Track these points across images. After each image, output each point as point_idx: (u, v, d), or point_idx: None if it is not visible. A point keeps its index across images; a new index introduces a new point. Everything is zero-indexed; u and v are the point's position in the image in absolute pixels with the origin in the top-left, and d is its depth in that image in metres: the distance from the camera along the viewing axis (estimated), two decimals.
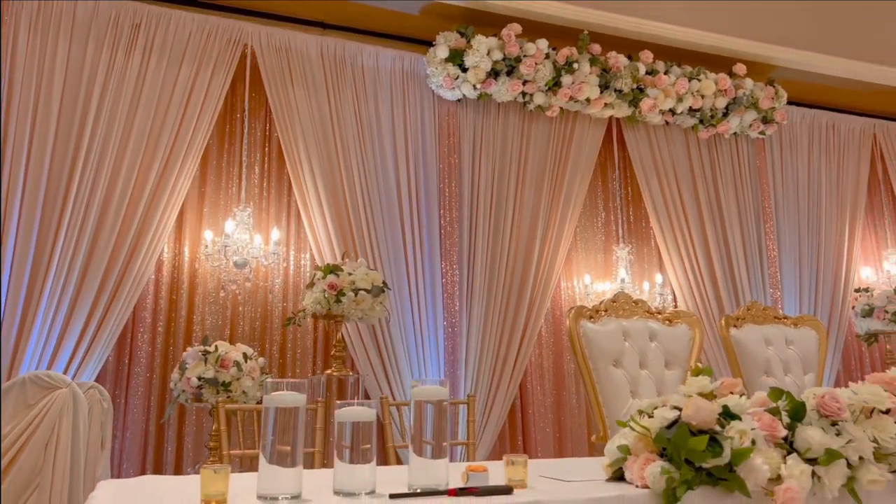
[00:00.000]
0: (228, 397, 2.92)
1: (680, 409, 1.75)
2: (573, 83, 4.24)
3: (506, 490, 1.57)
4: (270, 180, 4.01)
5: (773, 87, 4.84)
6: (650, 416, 1.80)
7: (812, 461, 1.75)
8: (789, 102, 5.20)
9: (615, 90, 4.36)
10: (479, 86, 4.09)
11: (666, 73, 4.50)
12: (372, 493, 1.53)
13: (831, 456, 1.73)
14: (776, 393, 1.86)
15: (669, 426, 1.71)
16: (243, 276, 3.67)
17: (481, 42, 4.01)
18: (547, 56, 4.22)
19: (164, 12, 3.71)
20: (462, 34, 4.08)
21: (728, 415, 1.80)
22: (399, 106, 4.13)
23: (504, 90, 4.16)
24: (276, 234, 3.78)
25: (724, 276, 4.67)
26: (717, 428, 1.72)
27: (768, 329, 3.81)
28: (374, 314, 3.29)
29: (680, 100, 4.52)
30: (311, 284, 3.28)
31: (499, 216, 4.22)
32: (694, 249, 4.65)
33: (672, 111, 4.58)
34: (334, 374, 3.29)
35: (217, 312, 3.76)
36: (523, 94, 4.25)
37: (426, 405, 1.63)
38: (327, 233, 3.81)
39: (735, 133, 4.88)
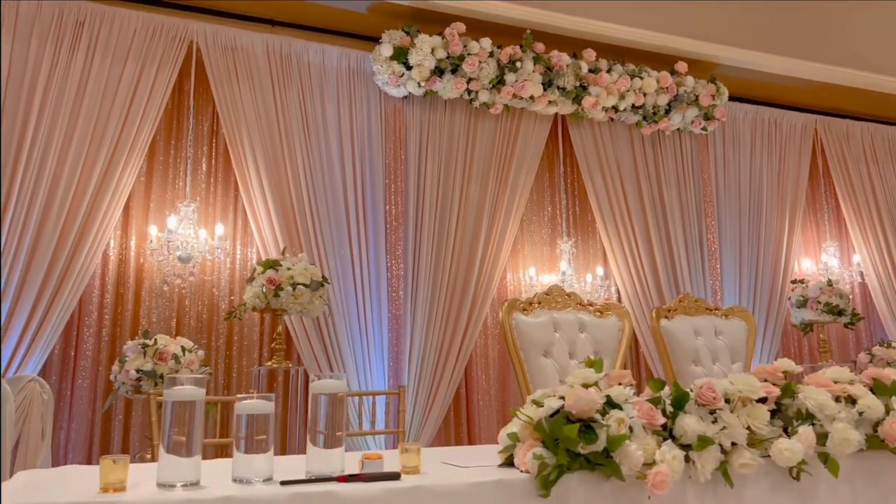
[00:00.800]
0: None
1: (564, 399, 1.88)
2: (516, 81, 4.35)
3: (393, 476, 1.69)
4: (217, 176, 4.08)
5: (715, 84, 4.98)
6: (541, 406, 1.92)
7: (688, 447, 1.88)
8: (733, 99, 5.35)
9: (558, 88, 4.47)
10: (423, 83, 4.19)
11: (609, 71, 4.62)
12: (268, 480, 1.64)
13: (704, 442, 1.87)
14: (657, 384, 1.99)
15: (553, 415, 1.84)
16: (187, 271, 3.75)
17: (424, 41, 4.10)
18: (491, 54, 4.32)
19: (108, 10, 3.75)
20: (407, 32, 4.16)
21: (611, 404, 1.93)
22: (345, 102, 4.22)
23: (449, 88, 4.26)
24: (220, 229, 3.86)
25: (665, 269, 4.83)
26: (597, 416, 1.85)
27: (699, 320, 3.96)
28: (313, 308, 3.39)
29: (622, 97, 4.64)
30: (251, 279, 3.37)
31: (444, 210, 4.32)
32: (636, 243, 4.80)
33: (615, 108, 4.70)
34: (274, 365, 3.40)
35: (163, 306, 3.84)
36: (468, 91, 4.35)
37: (321, 397, 1.74)
38: (272, 228, 3.90)
39: (678, 129, 5.02)
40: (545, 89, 4.45)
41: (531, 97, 4.43)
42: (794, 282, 4.95)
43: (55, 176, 3.53)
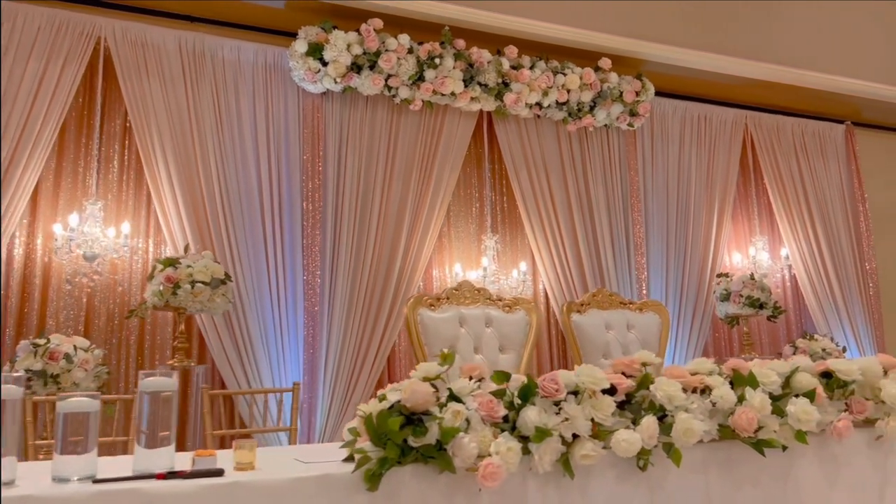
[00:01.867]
0: (59, 388, 2.98)
1: None
2: (436, 77, 4.35)
3: (216, 473, 1.68)
4: (130, 173, 4.04)
5: (641, 80, 5.01)
6: (384, 400, 1.92)
7: (527, 439, 1.90)
8: (662, 94, 5.39)
9: (480, 84, 4.48)
10: (339, 80, 4.17)
11: (531, 67, 4.64)
12: (88, 478, 1.63)
13: (541, 433, 1.88)
14: (499, 376, 2.00)
15: (390, 408, 1.84)
16: (92, 270, 3.71)
17: (338, 36, 4.09)
18: (410, 51, 4.31)
19: (11, 6, 3.70)
20: (323, 28, 4.15)
21: (452, 397, 1.94)
22: (261, 99, 4.20)
23: (367, 84, 4.25)
24: (126, 227, 3.82)
25: (590, 264, 4.86)
26: (433, 409, 1.85)
27: (611, 314, 3.99)
28: (214, 306, 3.38)
29: (545, 94, 4.66)
30: (151, 277, 3.35)
31: (365, 207, 4.32)
32: (562, 238, 4.82)
33: (539, 105, 4.72)
34: (175, 364, 3.37)
35: (72, 305, 3.80)
36: (388, 87, 4.34)
37: (144, 396, 1.73)
38: (182, 226, 3.87)
39: (605, 125, 5.05)
40: (466, 86, 4.45)
41: (452, 94, 4.43)
42: (719, 275, 5.00)
43: None
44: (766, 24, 5.53)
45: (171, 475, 1.64)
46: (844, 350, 5.04)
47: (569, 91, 4.73)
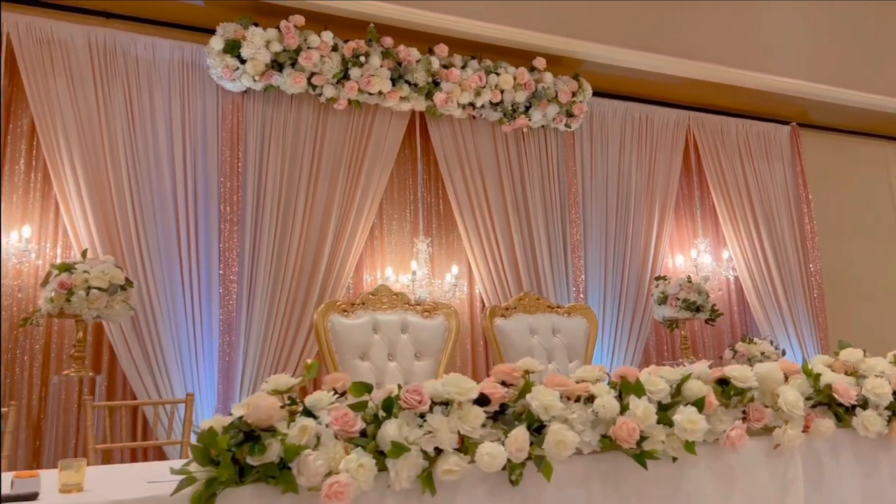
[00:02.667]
0: None
1: None
2: (362, 76, 4.23)
3: (28, 497, 1.55)
4: (37, 175, 3.88)
5: (578, 80, 4.93)
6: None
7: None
8: (603, 95, 5.32)
9: (409, 84, 4.37)
10: (258, 78, 4.04)
11: (463, 67, 4.54)
12: None
13: (398, 448, 1.77)
14: (358, 387, 1.88)
15: (230, 425, 1.72)
16: None
17: (256, 33, 3.96)
18: (335, 48, 4.20)
19: None
20: (242, 25, 4.02)
21: (306, 412, 1.82)
22: (177, 98, 4.05)
23: (289, 82, 4.12)
24: (27, 230, 3.66)
25: (526, 267, 4.76)
26: (279, 425, 1.74)
27: (537, 318, 3.90)
28: (113, 313, 3.23)
29: (478, 94, 4.56)
30: (46, 283, 3.20)
31: (288, 209, 4.19)
32: (497, 241, 4.72)
33: (473, 105, 4.62)
34: (72, 374, 3.22)
35: None
36: (313, 86, 4.22)
37: None
38: (89, 230, 3.71)
39: (543, 126, 4.96)
40: (394, 85, 4.34)
41: (380, 93, 4.32)
42: (657, 278, 4.92)
43: None
44: (709, 24, 5.49)
45: (9, 500, 1.51)
46: (784, 353, 4.98)
47: (502, 91, 4.63)
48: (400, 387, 1.84)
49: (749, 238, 5.58)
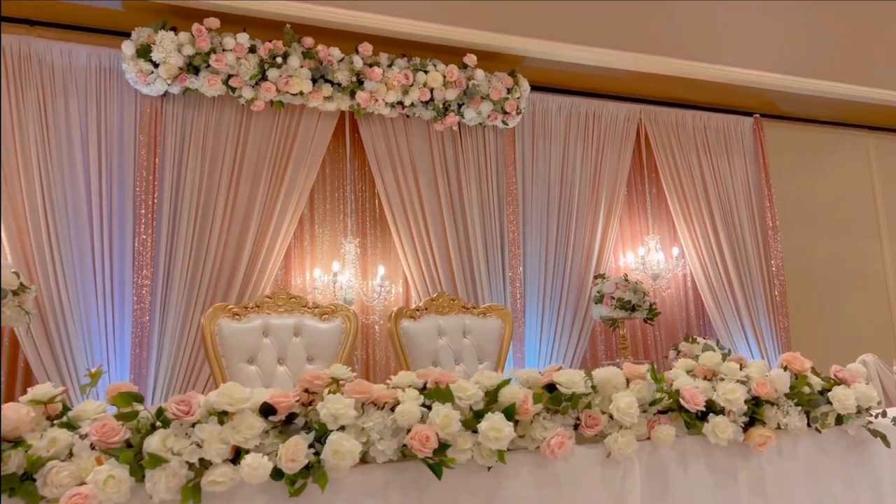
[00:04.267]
0: None
1: None
2: (280, 77, 4.22)
3: None
4: None
5: (514, 76, 4.84)
6: None
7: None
8: (549, 90, 5.23)
9: (332, 83, 4.34)
10: (172, 81, 4.06)
11: (390, 65, 4.49)
12: None
13: (154, 460, 1.74)
14: (123, 398, 1.85)
15: None
16: None
17: (166, 37, 3.97)
18: (252, 50, 4.19)
19: None
20: (154, 29, 4.03)
21: (68, 425, 1.81)
22: (93, 103, 4.09)
23: (205, 85, 4.13)
24: None
25: (460, 267, 4.70)
26: (28, 436, 1.72)
27: (448, 320, 3.83)
28: (5, 318, 3.27)
29: (406, 92, 4.51)
30: None
31: (207, 211, 4.20)
32: (430, 240, 4.66)
33: (402, 104, 4.57)
34: None
35: None
36: (232, 88, 4.22)
37: None
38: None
39: (481, 124, 4.89)
40: (315, 84, 4.32)
41: (301, 93, 4.30)
42: (595, 277, 4.81)
43: None
44: (661, 16, 5.33)
45: None
46: (729, 352, 4.82)
47: (432, 90, 4.57)
48: (133, 395, 1.80)
49: (704, 235, 5.42)
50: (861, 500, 2.62)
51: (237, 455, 1.83)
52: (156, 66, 4.02)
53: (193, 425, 1.82)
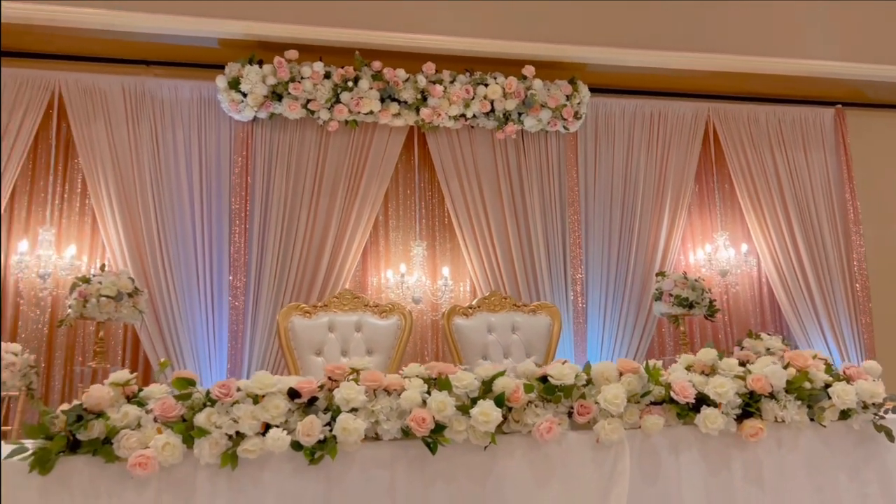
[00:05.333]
0: None
1: None
2: (351, 99, 4.68)
3: None
4: (85, 199, 4.72)
5: (574, 84, 5.06)
6: None
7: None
8: (615, 91, 5.38)
9: (398, 102, 4.77)
10: (258, 108, 4.62)
11: (452, 81, 4.85)
12: None
13: (200, 431, 2.20)
14: (182, 382, 2.32)
15: (71, 409, 2.24)
16: (47, 287, 4.42)
17: (251, 70, 4.53)
18: (328, 76, 4.68)
19: None
20: (241, 64, 4.62)
21: (136, 401, 2.30)
22: (195, 130, 4.74)
23: (287, 110, 4.67)
24: (72, 249, 4.49)
25: (523, 269, 4.98)
26: (109, 410, 2.23)
27: (498, 317, 4.14)
28: (122, 316, 3.93)
29: (467, 105, 4.85)
30: (71, 292, 3.96)
31: (291, 219, 4.74)
32: (493, 243, 4.98)
33: (464, 116, 4.92)
34: (93, 366, 3.97)
35: (38, 316, 4.53)
36: (311, 111, 4.73)
37: None
38: (121, 246, 4.49)
39: (543, 130, 5.14)
40: (384, 104, 4.75)
41: (371, 112, 4.75)
42: (657, 274, 4.93)
43: None
44: (729, 14, 5.34)
45: None
46: (790, 348, 4.78)
47: (492, 102, 4.88)
48: (188, 380, 2.27)
49: (777, 230, 5.38)
50: (868, 493, 2.70)
51: (267, 429, 2.27)
52: (244, 95, 4.60)
53: (232, 405, 2.27)
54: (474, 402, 2.42)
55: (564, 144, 5.22)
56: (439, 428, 2.34)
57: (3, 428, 3.68)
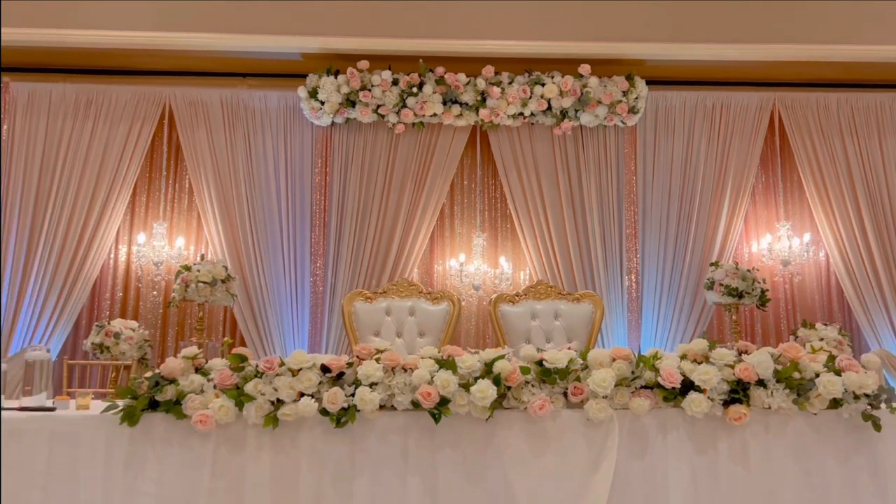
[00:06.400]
0: (111, 356, 4.42)
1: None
2: (416, 103, 5.12)
3: (48, 409, 2.82)
4: (192, 198, 5.45)
5: (631, 80, 5.23)
6: None
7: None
8: (674, 83, 5.50)
9: (459, 104, 5.16)
10: (334, 115, 5.16)
11: (511, 82, 5.17)
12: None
13: (247, 398, 2.72)
14: (236, 357, 2.84)
15: (151, 376, 2.82)
16: (160, 273, 5.20)
17: (327, 81, 5.07)
18: (395, 82, 5.15)
19: (105, 88, 5.28)
20: (319, 76, 5.16)
21: (201, 372, 2.86)
22: (281, 135, 5.35)
23: (360, 115, 5.18)
24: (180, 241, 5.24)
25: (578, 258, 5.25)
26: (180, 378, 2.80)
27: (542, 304, 4.47)
28: (216, 299, 4.60)
29: (524, 104, 5.17)
30: (175, 279, 4.68)
31: (364, 213, 5.27)
32: (550, 234, 5.28)
33: (523, 115, 5.23)
34: (195, 341, 4.67)
35: (155, 297, 5.33)
36: (381, 115, 5.22)
37: (26, 363, 2.93)
38: (220, 238, 5.19)
39: (602, 125, 5.36)
40: (447, 106, 5.16)
41: (435, 114, 5.17)
42: (711, 265, 5.05)
43: (74, 208, 5.14)
44: (792, 6, 5.30)
45: (25, 409, 2.81)
46: (849, 339, 4.78)
47: (549, 100, 5.17)
48: (241, 356, 2.79)
49: (845, 219, 5.30)
50: (858, 479, 2.85)
51: (301, 398, 2.77)
52: (322, 103, 5.14)
53: (275, 377, 2.79)
54: (477, 381, 2.81)
55: (623, 138, 5.42)
56: (444, 401, 2.75)
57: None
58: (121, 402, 2.74)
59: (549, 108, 5.20)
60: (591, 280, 5.24)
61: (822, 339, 4.70)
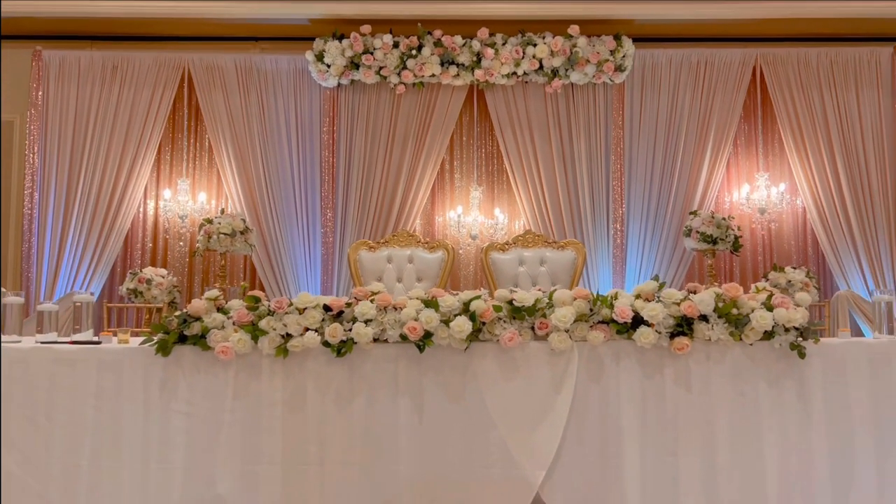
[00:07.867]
0: (144, 300, 4.97)
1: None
2: (416, 65, 5.49)
3: (94, 342, 3.34)
4: (212, 156, 5.92)
5: (618, 39, 5.54)
6: None
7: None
8: (662, 40, 5.80)
9: (456, 64, 5.52)
10: (339, 77, 5.55)
11: (504, 44, 5.51)
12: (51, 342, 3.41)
13: (261, 332, 3.22)
14: (251, 299, 3.33)
15: (180, 314, 3.33)
16: (182, 226, 5.71)
17: (332, 46, 5.45)
18: (396, 45, 5.51)
19: (129, 54, 5.71)
20: (324, 40, 5.54)
21: (222, 310, 3.36)
22: (291, 96, 5.76)
23: (364, 76, 5.57)
24: (202, 196, 5.73)
25: (568, 208, 5.66)
26: (204, 316, 3.30)
27: (529, 252, 4.91)
28: (236, 248, 5.10)
29: (517, 64, 5.51)
30: (199, 230, 5.18)
31: (370, 168, 5.71)
32: (542, 187, 5.68)
33: (516, 74, 5.59)
34: (218, 287, 5.20)
35: (181, 248, 5.86)
36: (383, 77, 5.60)
37: (73, 305, 3.45)
38: (238, 192, 5.68)
39: (591, 83, 5.70)
40: (444, 67, 5.52)
41: (433, 75, 5.54)
42: (691, 213, 5.43)
43: (107, 162, 5.64)
44: None
45: (76, 342, 3.35)
46: (816, 281, 5.17)
47: (540, 60, 5.50)
48: (256, 297, 3.29)
49: (820, 168, 5.64)
50: (785, 399, 3.30)
51: (307, 332, 3.26)
52: (328, 66, 5.53)
53: (284, 315, 3.28)
54: (456, 317, 3.28)
55: (612, 94, 5.75)
56: (428, 335, 3.23)
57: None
58: (155, 337, 3.26)
59: (541, 67, 5.54)
60: (580, 229, 5.66)
61: (789, 281, 5.10)
